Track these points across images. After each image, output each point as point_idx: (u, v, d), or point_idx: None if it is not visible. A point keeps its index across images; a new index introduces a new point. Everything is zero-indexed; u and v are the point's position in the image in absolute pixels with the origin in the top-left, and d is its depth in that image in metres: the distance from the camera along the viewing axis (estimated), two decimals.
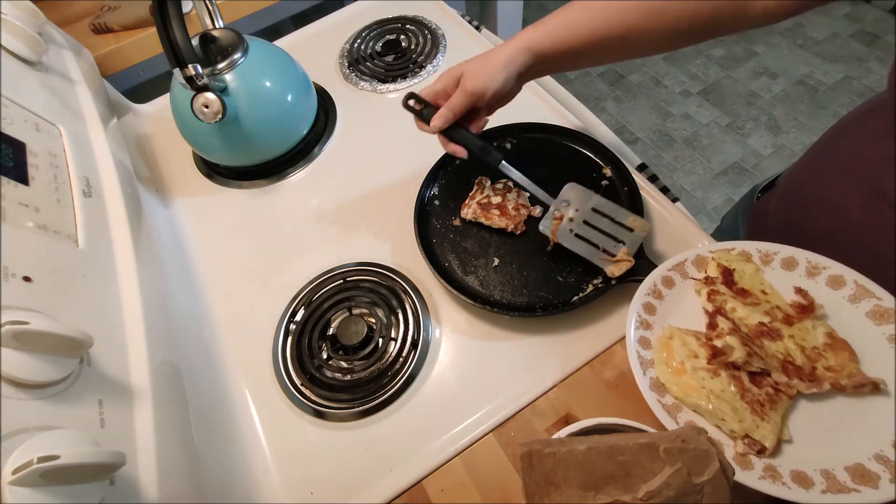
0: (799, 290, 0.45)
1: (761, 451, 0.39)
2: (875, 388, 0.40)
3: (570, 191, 0.56)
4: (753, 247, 0.48)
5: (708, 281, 0.48)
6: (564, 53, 0.51)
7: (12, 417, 0.29)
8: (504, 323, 0.55)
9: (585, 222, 0.54)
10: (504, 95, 0.54)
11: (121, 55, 0.88)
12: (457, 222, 0.61)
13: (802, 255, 0.46)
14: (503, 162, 0.55)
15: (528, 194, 0.61)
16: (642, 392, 0.42)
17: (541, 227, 0.55)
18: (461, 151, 0.54)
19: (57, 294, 0.37)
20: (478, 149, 0.54)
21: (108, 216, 0.50)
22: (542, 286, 0.55)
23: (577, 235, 0.54)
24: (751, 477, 0.37)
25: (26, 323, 0.29)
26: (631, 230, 0.52)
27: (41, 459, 0.26)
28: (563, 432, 0.40)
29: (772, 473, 0.38)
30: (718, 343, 0.43)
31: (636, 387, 0.49)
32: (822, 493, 0.36)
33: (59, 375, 0.32)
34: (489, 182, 0.62)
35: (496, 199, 0.60)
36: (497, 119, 0.68)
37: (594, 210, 0.54)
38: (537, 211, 0.60)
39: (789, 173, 0.62)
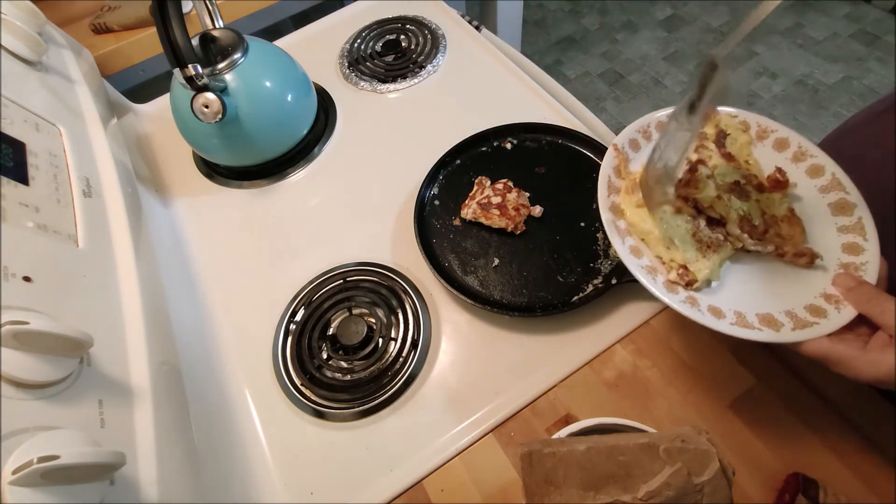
0: (779, 170, 0.47)
1: (690, 284, 0.42)
2: (811, 260, 0.42)
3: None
4: (755, 119, 0.49)
5: (701, 135, 0.49)
6: None
7: (12, 417, 0.29)
8: (504, 323, 0.55)
9: None
10: None
11: (121, 55, 0.88)
12: (457, 222, 0.61)
13: (796, 139, 0.48)
14: None
15: (528, 194, 0.60)
16: (600, 210, 0.44)
17: (664, 117, 0.50)
18: None
19: (57, 294, 0.37)
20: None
21: (108, 216, 0.50)
22: (542, 286, 0.55)
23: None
24: (673, 300, 0.40)
25: (26, 323, 0.29)
26: None
27: (41, 459, 0.26)
28: (563, 432, 0.40)
29: (692, 302, 0.41)
30: (696, 176, 0.45)
31: (636, 387, 0.50)
32: (730, 325, 0.39)
33: (59, 375, 0.32)
34: (489, 182, 0.62)
35: (496, 199, 0.59)
36: (497, 119, 0.68)
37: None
38: (537, 211, 0.60)
39: None
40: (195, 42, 0.63)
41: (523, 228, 0.59)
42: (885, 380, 0.34)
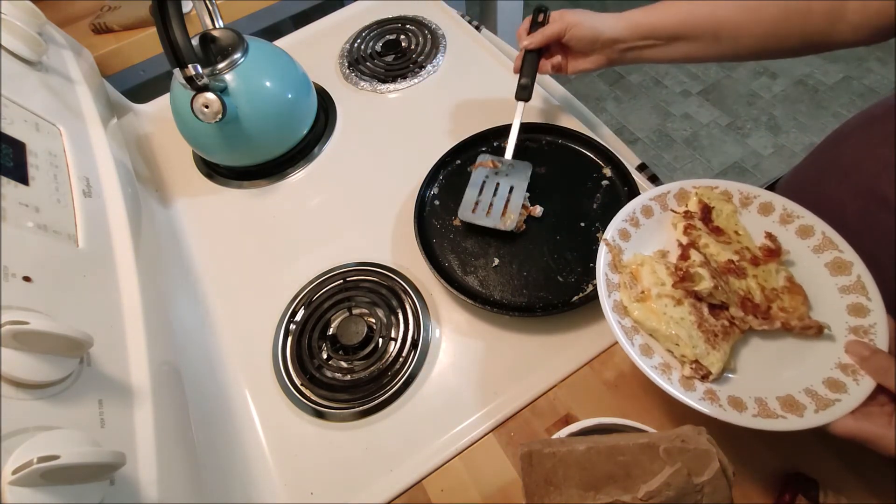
0: (769, 236, 0.47)
1: (706, 377, 0.41)
2: (819, 331, 0.42)
3: (522, 165, 0.61)
4: (736, 187, 0.49)
5: (687, 215, 0.49)
6: (659, 34, 0.53)
7: (12, 417, 0.29)
8: (504, 323, 0.55)
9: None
10: (586, 51, 0.58)
11: (121, 55, 0.88)
12: (457, 222, 0.61)
13: (780, 203, 0.48)
14: (521, 104, 0.61)
15: (528, 194, 0.61)
16: (604, 312, 0.43)
17: (480, 154, 0.63)
18: (516, 68, 0.62)
19: (57, 294, 0.37)
20: (526, 78, 0.61)
21: (108, 216, 0.50)
22: (542, 286, 0.55)
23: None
24: (692, 397, 0.40)
25: (26, 323, 0.29)
26: None
27: (41, 459, 0.26)
28: (563, 432, 0.40)
29: (711, 396, 0.40)
30: (690, 270, 0.45)
31: (636, 387, 0.50)
32: (752, 417, 0.39)
33: (59, 375, 0.32)
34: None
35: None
36: (497, 119, 0.68)
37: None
38: (538, 211, 0.60)
39: (790, 177, 0.62)
40: (195, 42, 0.63)
41: (523, 227, 0.59)
42: None
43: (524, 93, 0.61)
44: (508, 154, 0.61)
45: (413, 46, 0.82)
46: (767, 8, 0.48)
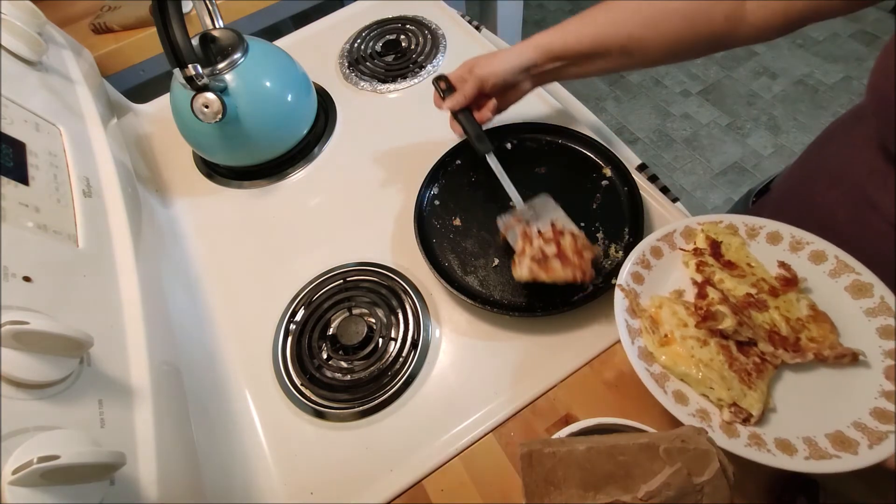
0: (782, 265, 0.46)
1: (747, 420, 0.40)
2: (854, 358, 0.41)
3: (539, 200, 0.58)
4: (740, 220, 0.49)
5: (696, 252, 0.49)
6: (572, 55, 0.54)
7: (12, 417, 0.29)
8: (504, 323, 0.55)
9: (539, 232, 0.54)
10: (511, 87, 0.58)
11: (121, 55, 0.88)
12: (457, 222, 0.61)
13: (787, 231, 0.47)
14: (490, 154, 0.58)
15: (582, 233, 0.54)
16: (630, 361, 0.42)
17: (498, 220, 0.57)
18: (459, 131, 0.60)
19: (57, 294, 0.37)
20: (473, 134, 0.58)
21: (108, 216, 0.50)
22: (542, 286, 0.55)
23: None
24: (737, 445, 0.38)
25: (26, 323, 0.29)
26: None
27: (41, 459, 0.26)
28: (563, 432, 0.40)
29: (757, 441, 0.38)
30: (711, 309, 0.44)
31: (636, 387, 0.49)
32: (805, 460, 0.37)
33: (59, 375, 0.32)
34: (535, 229, 0.55)
35: (551, 249, 0.52)
36: (497, 119, 0.68)
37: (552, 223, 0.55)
38: (599, 249, 0.55)
39: (782, 181, 0.62)
40: (195, 42, 0.63)
41: (593, 275, 0.51)
42: None
43: (483, 145, 0.58)
44: (517, 203, 0.57)
45: (413, 46, 0.82)
46: (670, 20, 0.49)
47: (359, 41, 0.85)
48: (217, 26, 0.68)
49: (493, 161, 0.58)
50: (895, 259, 0.44)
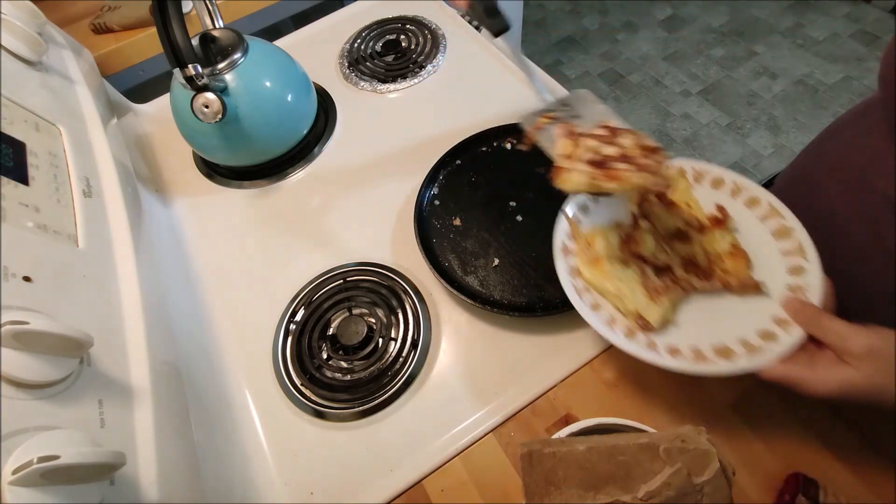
0: (719, 207, 0.50)
1: (646, 328, 0.45)
2: (757, 288, 0.45)
3: (574, 95, 0.49)
4: (690, 164, 0.53)
5: (641, 190, 0.50)
6: None
7: (12, 417, 0.29)
8: (504, 323, 0.55)
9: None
10: None
11: (121, 55, 0.88)
12: (457, 222, 0.61)
13: (731, 177, 0.51)
14: (507, 33, 0.47)
15: (648, 134, 0.47)
16: (559, 274, 0.47)
17: (520, 120, 0.49)
18: (463, 3, 0.48)
19: (57, 294, 0.37)
20: (482, 5, 0.46)
21: (108, 216, 0.50)
22: (542, 286, 0.55)
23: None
24: (631, 345, 0.43)
25: (26, 323, 0.29)
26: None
27: (41, 459, 0.26)
28: (563, 432, 0.40)
29: (651, 345, 0.43)
30: (634, 234, 0.49)
31: (636, 386, 0.50)
32: (685, 362, 0.42)
33: (59, 375, 0.32)
34: (574, 127, 0.45)
35: (610, 150, 0.42)
36: (497, 119, 0.68)
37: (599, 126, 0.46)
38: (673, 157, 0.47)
39: (781, 178, 0.62)
40: (195, 42, 0.63)
41: (669, 185, 0.45)
42: (838, 395, 0.36)
43: (497, 20, 0.46)
44: (546, 96, 0.49)
45: (413, 46, 0.82)
46: None
47: (359, 41, 0.85)
48: (217, 26, 0.68)
49: (511, 44, 0.48)
50: (893, 244, 0.45)
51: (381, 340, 0.54)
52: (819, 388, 0.37)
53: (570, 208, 0.51)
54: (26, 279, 0.35)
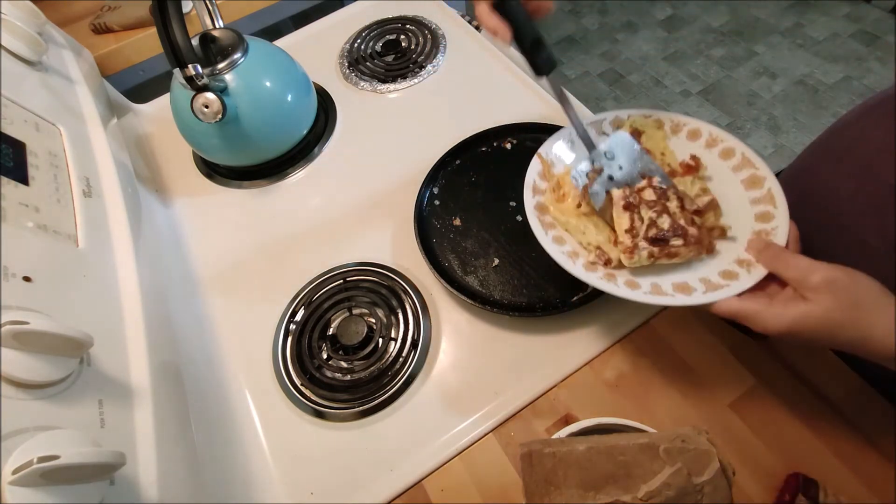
0: (693, 157, 0.50)
1: (608, 262, 0.45)
2: (722, 232, 0.46)
3: (615, 140, 0.49)
4: (668, 117, 0.53)
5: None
6: None
7: (12, 417, 0.29)
8: (504, 323, 0.55)
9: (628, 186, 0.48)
10: None
11: (121, 55, 0.88)
12: (457, 222, 0.61)
13: (707, 129, 0.51)
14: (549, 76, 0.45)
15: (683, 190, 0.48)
16: (526, 208, 0.48)
17: (573, 175, 0.49)
18: (504, 31, 0.42)
19: (57, 294, 0.37)
20: (530, 39, 0.42)
21: (108, 216, 0.50)
22: (542, 286, 0.55)
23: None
24: (592, 277, 0.43)
25: (26, 323, 0.29)
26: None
27: (41, 459, 0.26)
28: (563, 432, 0.40)
29: (610, 277, 0.44)
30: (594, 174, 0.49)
31: (636, 386, 0.50)
32: (644, 294, 0.42)
33: (59, 375, 0.32)
34: (629, 193, 0.47)
35: (664, 222, 0.45)
36: (497, 119, 0.68)
37: (641, 176, 0.48)
38: (720, 221, 0.47)
39: (785, 174, 0.63)
40: (195, 42, 0.63)
41: (714, 245, 0.46)
42: (789, 331, 0.35)
43: (548, 55, 0.44)
44: (588, 144, 0.49)
45: (413, 46, 0.82)
46: None
47: (359, 41, 0.85)
48: (217, 26, 0.68)
49: (554, 82, 0.46)
50: (893, 232, 0.45)
51: (381, 340, 0.54)
52: (772, 322, 0.36)
53: (545, 150, 0.52)
54: (26, 279, 0.35)
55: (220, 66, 0.61)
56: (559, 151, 0.53)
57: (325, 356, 0.54)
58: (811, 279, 0.35)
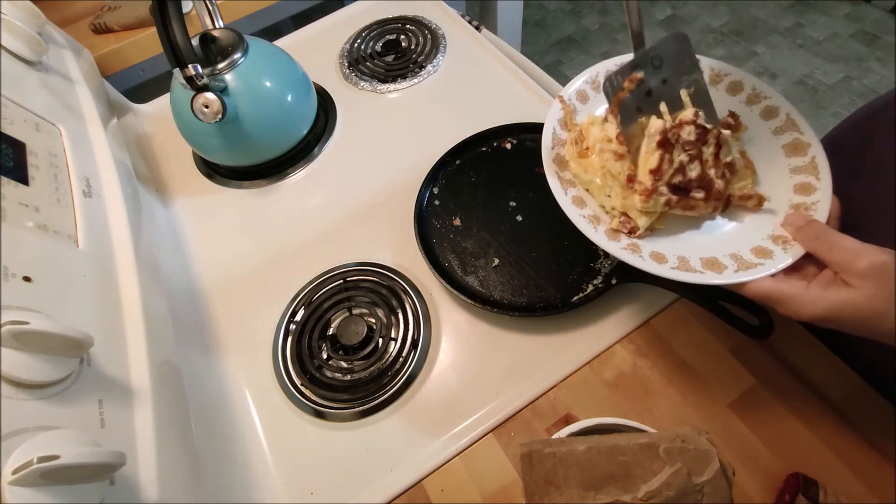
0: (732, 114, 0.46)
1: (633, 231, 0.41)
2: (759, 202, 0.42)
3: (670, 45, 0.41)
4: (708, 63, 0.48)
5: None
6: None
7: (12, 417, 0.29)
8: (504, 323, 0.55)
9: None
10: None
11: (121, 55, 0.88)
12: (457, 222, 0.61)
13: (750, 82, 0.47)
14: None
15: (725, 131, 0.41)
16: (544, 160, 0.43)
17: (604, 86, 0.41)
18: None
19: (57, 294, 0.37)
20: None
21: (108, 216, 0.50)
22: (542, 286, 0.55)
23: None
24: (614, 247, 0.40)
25: (26, 323, 0.29)
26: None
27: (41, 459, 0.26)
28: (563, 432, 0.40)
29: (633, 248, 0.40)
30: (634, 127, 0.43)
31: (636, 386, 0.50)
32: (671, 269, 0.38)
33: (59, 375, 0.32)
34: (663, 121, 0.40)
35: (694, 170, 0.40)
36: (497, 119, 0.68)
37: (688, 91, 0.42)
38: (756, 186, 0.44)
39: None
40: (195, 42, 0.63)
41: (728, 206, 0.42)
42: (825, 318, 0.33)
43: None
44: (636, 46, 0.41)
45: (413, 46, 0.82)
46: None
47: (359, 41, 0.85)
48: (217, 26, 0.68)
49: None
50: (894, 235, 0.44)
51: (381, 340, 0.54)
52: (807, 307, 0.33)
53: (567, 93, 0.47)
54: (26, 279, 0.35)
55: (220, 66, 0.61)
56: (581, 95, 0.47)
57: (325, 356, 0.54)
58: (857, 264, 0.32)
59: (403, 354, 0.53)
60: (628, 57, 0.42)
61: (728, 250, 0.40)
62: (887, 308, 0.31)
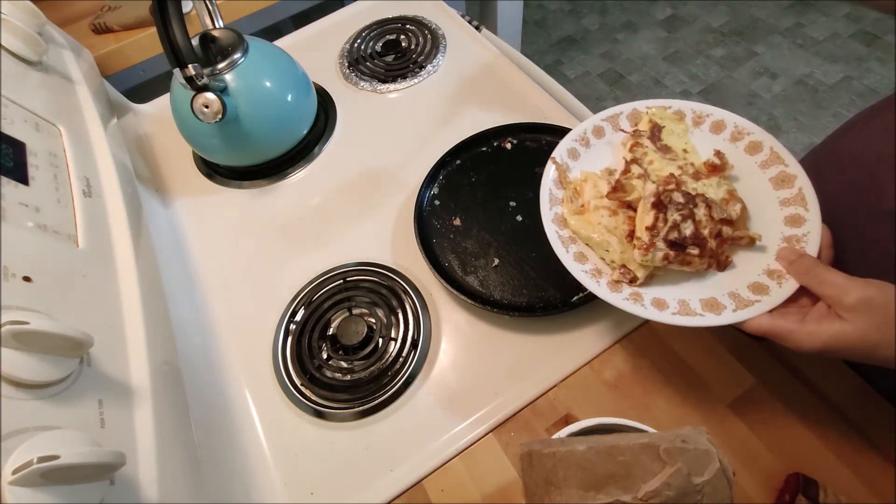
0: (717, 153, 0.47)
1: (633, 281, 0.43)
2: (751, 241, 0.43)
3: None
4: (690, 107, 0.50)
5: (636, 134, 0.49)
6: None
7: (12, 417, 0.29)
8: (504, 323, 0.55)
9: None
10: None
11: (121, 55, 0.88)
12: (457, 222, 0.61)
13: (732, 120, 0.49)
14: None
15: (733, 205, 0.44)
16: (544, 222, 0.45)
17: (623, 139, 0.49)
18: None
19: (57, 294, 0.37)
20: None
21: (108, 216, 0.50)
22: (542, 286, 0.55)
23: None
24: (617, 298, 0.41)
25: (26, 323, 0.29)
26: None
27: (41, 459, 0.26)
28: (563, 432, 0.40)
29: (635, 297, 0.42)
30: (622, 181, 0.46)
31: (636, 386, 0.50)
32: (672, 315, 0.40)
33: (59, 375, 0.32)
34: (656, 193, 0.43)
35: (688, 228, 0.42)
36: (497, 119, 0.68)
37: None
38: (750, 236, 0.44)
39: None
40: (195, 42, 0.63)
41: (730, 261, 0.43)
42: (823, 350, 0.35)
43: None
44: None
45: (413, 46, 0.82)
46: None
47: (359, 41, 0.85)
48: (217, 26, 0.68)
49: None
50: (894, 248, 0.44)
51: (381, 340, 0.54)
52: (805, 341, 0.35)
53: (559, 153, 0.49)
54: (26, 279, 0.35)
55: (220, 66, 0.61)
56: (573, 153, 0.50)
57: (325, 356, 0.54)
58: (846, 299, 0.34)
59: (403, 354, 0.53)
60: (614, 110, 0.50)
61: (726, 289, 0.42)
62: (882, 339, 0.33)
